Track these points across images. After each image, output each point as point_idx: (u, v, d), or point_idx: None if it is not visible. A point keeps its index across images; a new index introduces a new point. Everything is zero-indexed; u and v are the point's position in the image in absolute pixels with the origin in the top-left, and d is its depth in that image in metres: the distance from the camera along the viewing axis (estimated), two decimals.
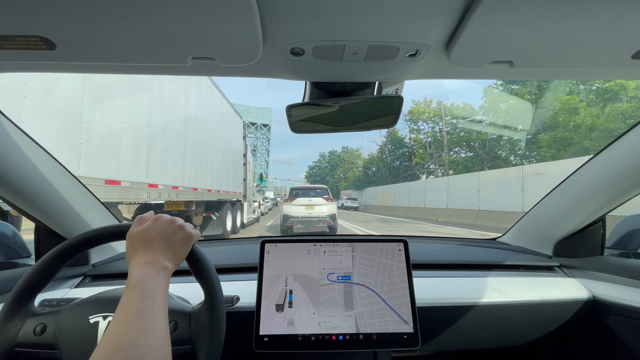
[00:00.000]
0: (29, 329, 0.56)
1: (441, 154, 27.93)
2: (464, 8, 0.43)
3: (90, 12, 0.42)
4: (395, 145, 36.17)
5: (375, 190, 32.48)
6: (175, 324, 0.58)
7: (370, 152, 45.76)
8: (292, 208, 8.47)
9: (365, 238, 0.86)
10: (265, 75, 0.65)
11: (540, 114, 17.72)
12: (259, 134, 51.84)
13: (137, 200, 4.90)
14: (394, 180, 33.43)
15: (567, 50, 0.51)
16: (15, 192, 0.78)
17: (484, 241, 1.33)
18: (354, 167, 51.63)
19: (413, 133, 32.10)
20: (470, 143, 23.98)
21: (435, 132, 29.55)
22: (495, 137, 21.95)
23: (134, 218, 1.13)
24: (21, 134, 0.76)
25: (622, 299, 0.85)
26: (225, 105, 8.02)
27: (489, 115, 21.77)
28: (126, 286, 0.45)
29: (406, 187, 24.17)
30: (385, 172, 36.82)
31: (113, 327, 0.40)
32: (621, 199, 0.90)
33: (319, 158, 65.58)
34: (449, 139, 26.39)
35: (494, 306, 0.88)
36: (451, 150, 26.78)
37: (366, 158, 46.22)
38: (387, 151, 37.56)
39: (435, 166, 30.03)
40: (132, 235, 0.52)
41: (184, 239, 0.54)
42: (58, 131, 3.02)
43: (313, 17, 0.45)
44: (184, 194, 5.73)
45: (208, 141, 6.83)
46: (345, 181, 50.84)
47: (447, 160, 26.52)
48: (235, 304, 0.74)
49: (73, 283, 0.92)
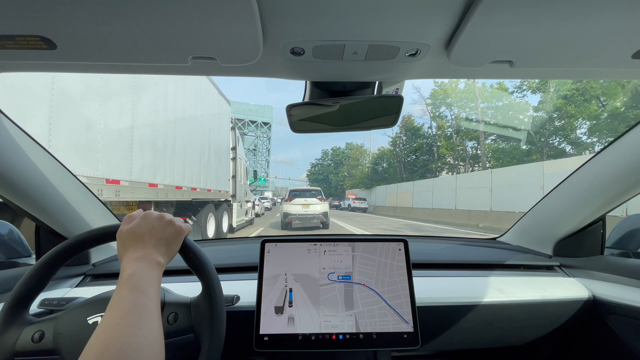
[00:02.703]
0: (27, 337, 0.55)
1: (464, 143, 23.04)
2: (464, 8, 0.43)
3: (91, 12, 0.42)
4: (409, 137, 31.21)
5: (387, 189, 28.11)
6: (175, 315, 0.59)
7: (381, 145, 42.00)
8: (291, 207, 10.19)
9: (365, 237, 0.86)
10: (265, 75, 0.65)
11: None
12: (259, 133, 51.50)
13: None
14: (409, 177, 29.35)
15: (567, 50, 0.51)
16: (16, 192, 0.78)
17: (484, 241, 1.33)
18: (360, 163, 47.45)
19: (435, 120, 26.30)
20: (517, 128, 18.60)
21: (462, 118, 23.91)
22: (557, 117, 16.35)
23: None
24: (21, 133, 0.76)
25: (622, 299, 0.85)
26: (203, 81, 6.44)
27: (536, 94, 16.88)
28: (118, 282, 0.45)
29: (428, 184, 20.04)
30: (399, 167, 32.27)
31: (105, 321, 0.40)
32: (621, 198, 0.90)
33: (322, 155, 62.88)
34: (488, 125, 20.48)
35: (494, 306, 0.88)
36: (487, 138, 21.69)
37: (375, 153, 41.34)
38: (401, 144, 32.67)
39: (467, 159, 24.33)
40: (122, 234, 0.52)
41: (175, 234, 0.54)
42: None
43: (313, 16, 0.45)
44: (131, 191, 4.09)
45: (176, 123, 5.30)
46: (350, 179, 46.46)
47: (486, 150, 21.10)
48: (236, 303, 0.74)
49: (74, 282, 0.92)
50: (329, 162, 60.64)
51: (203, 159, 6.54)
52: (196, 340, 0.57)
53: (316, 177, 61.82)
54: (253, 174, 11.84)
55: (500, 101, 20.64)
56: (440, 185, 18.22)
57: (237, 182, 8.66)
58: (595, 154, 0.92)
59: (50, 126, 2.94)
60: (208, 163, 6.83)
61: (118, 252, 0.52)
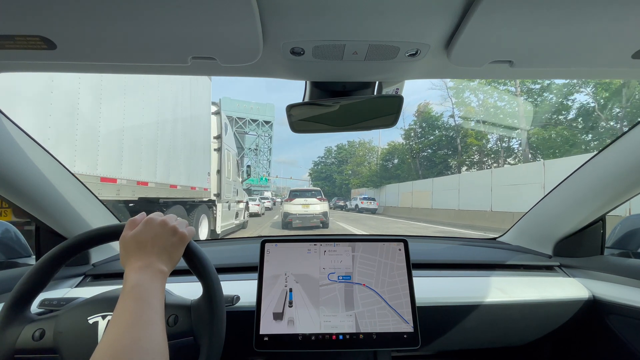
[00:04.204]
0: (28, 335, 0.55)
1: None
2: (464, 8, 0.43)
3: (91, 12, 0.42)
4: (425, 129, 26.76)
5: (399, 188, 24.53)
6: (175, 318, 0.59)
7: (391, 140, 37.23)
8: (291, 207, 10.39)
9: (365, 238, 0.86)
10: (265, 75, 0.65)
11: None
12: (260, 131, 51.24)
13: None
14: (426, 173, 25.59)
15: (567, 50, 0.51)
16: (16, 192, 0.78)
17: (484, 241, 1.33)
18: (366, 160, 43.87)
19: (459, 107, 21.49)
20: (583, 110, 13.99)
21: (491, 103, 19.22)
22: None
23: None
24: (21, 133, 0.76)
25: (622, 299, 0.85)
26: None
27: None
28: (122, 292, 0.45)
29: (452, 181, 16.69)
30: (414, 163, 28.10)
31: (110, 333, 0.40)
32: (621, 198, 0.90)
33: (325, 153, 60.07)
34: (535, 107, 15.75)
35: (494, 306, 0.88)
36: (532, 124, 17.02)
37: (385, 148, 37.07)
38: (416, 136, 28.05)
39: (502, 151, 19.59)
40: (125, 240, 0.52)
41: (178, 241, 0.54)
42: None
43: (313, 17, 0.45)
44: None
45: (121, 93, 3.93)
46: (356, 178, 42.12)
47: (532, 137, 16.20)
48: (236, 303, 0.74)
49: (73, 282, 0.92)
50: (332, 160, 58.49)
51: (161, 142, 4.69)
52: (196, 343, 0.57)
53: (319, 176, 59.47)
54: (246, 170, 10.05)
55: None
56: (470, 182, 14.96)
57: (223, 179, 6.98)
58: (595, 154, 0.92)
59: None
60: (177, 151, 5.14)
61: (121, 258, 0.52)
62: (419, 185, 21.09)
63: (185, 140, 5.53)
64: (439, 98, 30.05)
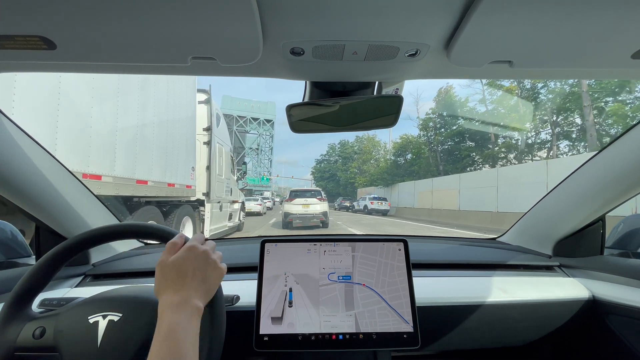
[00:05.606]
0: (28, 333, 0.56)
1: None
2: (463, 8, 0.43)
3: (91, 12, 0.42)
4: (445, 120, 22.71)
5: (415, 186, 20.99)
6: None
7: (403, 133, 31.16)
8: (292, 207, 10.45)
9: (365, 238, 0.86)
10: (265, 75, 0.65)
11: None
12: (262, 130, 51.02)
13: None
14: (447, 169, 22.02)
15: (567, 50, 0.51)
16: (16, 192, 0.78)
17: (484, 241, 1.33)
18: (373, 157, 40.90)
19: (492, 89, 17.25)
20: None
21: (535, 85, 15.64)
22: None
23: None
24: (21, 133, 0.76)
25: (622, 299, 0.85)
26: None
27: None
28: (157, 331, 0.44)
29: (489, 177, 13.68)
30: (435, 157, 24.11)
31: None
32: (621, 198, 0.90)
33: (328, 150, 56.06)
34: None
35: (494, 306, 0.88)
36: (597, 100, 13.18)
37: (397, 142, 32.58)
38: (434, 127, 24.09)
39: (556, 136, 15.30)
40: (164, 266, 0.49)
41: (218, 277, 0.52)
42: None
43: (313, 17, 0.45)
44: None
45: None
46: (363, 176, 38.47)
47: (612, 115, 12.44)
48: (236, 303, 0.74)
49: (73, 282, 0.93)
50: (336, 157, 53.79)
51: (123, 127, 3.72)
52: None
53: (322, 175, 56.16)
54: (243, 168, 9.06)
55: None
56: (512, 179, 12.16)
57: (213, 175, 6.10)
58: (595, 153, 0.92)
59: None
60: (141, 137, 4.06)
61: (156, 283, 0.49)
62: (440, 183, 18.00)
63: (161, 128, 4.56)
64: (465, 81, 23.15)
